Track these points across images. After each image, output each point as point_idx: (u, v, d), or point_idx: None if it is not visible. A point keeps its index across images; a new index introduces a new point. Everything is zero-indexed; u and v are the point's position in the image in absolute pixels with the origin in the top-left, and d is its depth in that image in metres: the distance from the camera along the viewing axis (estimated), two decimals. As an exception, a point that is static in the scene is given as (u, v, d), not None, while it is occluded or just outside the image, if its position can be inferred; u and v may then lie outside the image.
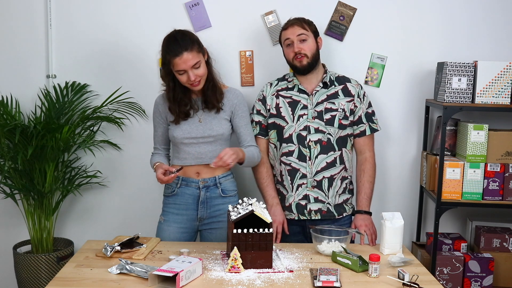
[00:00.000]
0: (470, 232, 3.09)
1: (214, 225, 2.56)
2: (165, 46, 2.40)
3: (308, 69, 2.58)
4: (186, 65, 2.36)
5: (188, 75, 2.38)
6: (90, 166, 3.14)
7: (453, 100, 2.78)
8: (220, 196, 2.55)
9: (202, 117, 2.51)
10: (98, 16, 3.05)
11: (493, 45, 3.03)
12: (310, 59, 2.56)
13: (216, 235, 2.55)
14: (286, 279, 2.05)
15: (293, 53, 2.57)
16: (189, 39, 2.39)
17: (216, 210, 2.55)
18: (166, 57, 2.38)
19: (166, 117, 2.55)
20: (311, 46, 2.57)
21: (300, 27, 2.57)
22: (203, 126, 2.50)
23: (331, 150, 2.60)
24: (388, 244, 2.34)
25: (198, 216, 2.55)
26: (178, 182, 2.54)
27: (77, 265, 2.17)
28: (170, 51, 2.36)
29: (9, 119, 2.90)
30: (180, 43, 2.36)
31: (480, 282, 2.84)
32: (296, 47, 2.55)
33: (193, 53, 2.37)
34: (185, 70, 2.37)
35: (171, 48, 2.36)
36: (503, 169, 2.79)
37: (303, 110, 2.61)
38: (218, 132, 2.51)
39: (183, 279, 1.94)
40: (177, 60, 2.35)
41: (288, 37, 2.58)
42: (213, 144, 2.52)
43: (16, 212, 3.14)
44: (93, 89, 3.10)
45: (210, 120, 2.51)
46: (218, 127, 2.51)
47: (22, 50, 3.08)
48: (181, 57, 2.35)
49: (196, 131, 2.49)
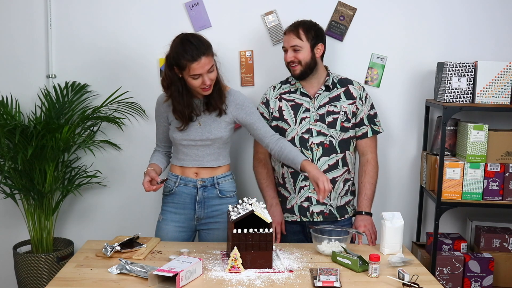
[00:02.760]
0: (470, 232, 3.09)
1: (211, 226, 2.55)
2: (181, 50, 2.31)
3: (301, 77, 2.59)
4: (203, 70, 2.31)
5: (204, 79, 2.33)
6: (90, 166, 3.14)
7: (453, 100, 2.78)
8: (218, 196, 2.53)
9: (202, 120, 2.49)
10: (98, 16, 3.05)
11: (493, 45, 3.03)
12: (303, 67, 2.56)
13: (213, 236, 2.54)
14: (286, 279, 2.05)
15: (286, 60, 2.60)
16: (205, 43, 2.34)
17: (214, 210, 2.54)
18: (181, 62, 2.30)
19: (167, 117, 2.54)
20: (305, 55, 2.56)
21: (295, 36, 2.55)
22: (202, 129, 2.48)
23: (333, 153, 2.60)
24: (388, 244, 2.34)
25: (196, 216, 2.55)
26: (176, 181, 2.54)
27: (77, 265, 2.16)
28: (186, 55, 2.29)
29: (9, 119, 2.90)
30: (198, 48, 2.30)
31: (480, 282, 2.84)
32: (288, 57, 2.57)
33: (209, 57, 2.33)
34: (201, 74, 2.33)
35: (189, 53, 2.29)
36: (503, 169, 2.79)
37: (306, 113, 2.60)
38: (216, 136, 2.48)
39: (183, 279, 1.94)
40: (195, 65, 2.30)
41: (284, 45, 2.61)
42: (211, 147, 2.51)
43: (16, 212, 3.14)
44: (93, 89, 3.10)
45: (209, 123, 2.49)
46: (217, 130, 2.49)
47: (22, 50, 3.08)
48: (199, 61, 2.30)
49: (195, 133, 2.48)
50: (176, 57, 2.33)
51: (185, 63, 2.31)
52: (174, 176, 2.55)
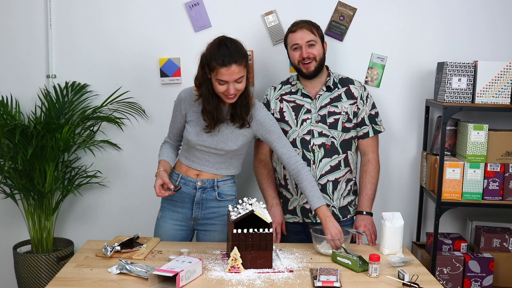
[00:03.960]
0: (470, 232, 3.09)
1: (208, 227, 2.54)
2: (215, 52, 2.25)
3: (315, 74, 2.56)
4: (231, 78, 2.25)
5: (229, 87, 2.27)
6: (90, 166, 3.14)
7: (453, 100, 2.78)
8: (216, 199, 2.51)
9: (222, 128, 2.43)
10: (98, 16, 3.05)
11: (493, 45, 3.03)
12: (317, 63, 2.54)
13: (210, 237, 2.52)
14: (286, 279, 2.05)
15: (300, 57, 2.54)
16: (241, 52, 2.27)
17: (211, 212, 2.52)
18: (212, 63, 2.25)
19: (186, 115, 2.47)
20: (319, 51, 2.54)
21: (309, 31, 2.53)
22: (218, 137, 2.43)
23: (335, 154, 2.59)
24: (388, 244, 2.34)
25: (193, 216, 2.54)
26: (177, 180, 2.52)
27: (77, 265, 2.16)
28: (218, 58, 2.23)
29: (9, 119, 2.90)
30: (231, 54, 2.24)
31: (480, 282, 2.84)
32: (305, 52, 2.52)
33: (241, 67, 2.26)
34: (228, 82, 2.26)
35: (221, 56, 2.23)
36: (503, 169, 2.79)
37: (307, 114, 2.59)
38: (231, 148, 2.44)
39: (183, 279, 1.94)
40: (224, 70, 2.23)
41: (297, 42, 2.54)
42: (223, 156, 2.48)
43: (16, 212, 3.14)
44: (93, 89, 3.10)
45: (227, 134, 2.43)
46: (232, 143, 2.44)
47: (22, 50, 3.08)
48: (229, 68, 2.23)
49: (210, 141, 2.43)
50: (209, 57, 2.28)
51: (214, 65, 2.24)
52: (176, 174, 2.54)
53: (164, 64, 3.05)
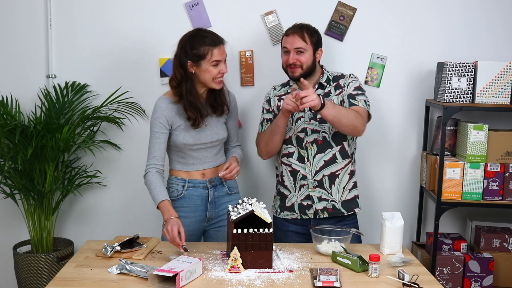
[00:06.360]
0: (470, 232, 3.09)
1: (221, 223, 2.57)
2: (199, 40, 2.36)
3: (299, 79, 2.55)
4: (222, 57, 2.39)
5: (222, 66, 2.40)
6: (90, 166, 3.14)
7: (453, 100, 2.78)
8: (227, 194, 2.58)
9: (208, 121, 2.50)
10: (98, 16, 3.05)
11: (493, 45, 3.03)
12: (304, 71, 2.55)
13: (224, 233, 2.53)
14: (286, 279, 2.05)
15: (287, 62, 2.56)
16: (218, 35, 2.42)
17: (224, 208, 2.57)
18: (200, 49, 2.34)
19: (172, 122, 2.45)
20: (307, 58, 2.55)
21: (300, 38, 2.54)
22: (210, 131, 2.50)
23: (328, 148, 2.59)
24: (388, 244, 2.34)
25: (207, 217, 2.56)
26: (184, 185, 2.52)
27: (77, 265, 2.16)
28: (206, 41, 2.35)
29: (9, 119, 2.90)
30: (215, 35, 2.39)
31: (480, 282, 2.84)
32: (292, 58, 2.54)
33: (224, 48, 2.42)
34: (220, 61, 2.39)
35: (208, 40, 2.36)
36: (503, 169, 2.79)
37: (301, 113, 2.61)
38: (223, 136, 2.55)
39: (183, 279, 1.94)
40: (216, 50, 2.36)
41: (286, 46, 2.57)
42: (217, 147, 2.56)
43: (16, 212, 3.14)
44: (93, 89, 3.10)
45: (215, 125, 2.52)
46: (222, 131, 2.55)
47: (22, 50, 3.08)
48: (219, 47, 2.38)
49: (205, 136, 2.49)
50: (191, 49, 2.35)
51: (206, 50, 2.35)
52: (180, 180, 2.53)
53: (164, 64, 3.05)
